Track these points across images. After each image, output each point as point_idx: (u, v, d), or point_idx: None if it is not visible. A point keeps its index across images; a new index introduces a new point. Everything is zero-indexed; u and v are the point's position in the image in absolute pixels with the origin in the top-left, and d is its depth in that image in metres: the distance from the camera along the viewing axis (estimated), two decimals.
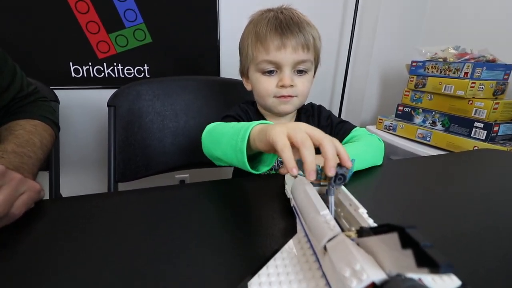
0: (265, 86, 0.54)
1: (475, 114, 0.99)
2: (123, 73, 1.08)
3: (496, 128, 0.95)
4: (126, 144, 0.68)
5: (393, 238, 0.17)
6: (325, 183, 0.31)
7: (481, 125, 0.98)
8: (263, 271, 0.23)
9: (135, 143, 0.70)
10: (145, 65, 1.10)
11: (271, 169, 0.59)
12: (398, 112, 1.24)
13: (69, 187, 1.13)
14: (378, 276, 0.17)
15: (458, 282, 0.19)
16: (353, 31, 1.29)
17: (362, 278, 0.17)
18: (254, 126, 0.36)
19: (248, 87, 0.61)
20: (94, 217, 0.35)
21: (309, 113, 0.63)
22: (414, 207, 0.41)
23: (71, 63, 1.02)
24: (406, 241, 0.16)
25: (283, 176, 0.41)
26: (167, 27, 1.08)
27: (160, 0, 1.04)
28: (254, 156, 0.40)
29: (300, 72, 0.54)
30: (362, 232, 0.21)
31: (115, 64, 1.06)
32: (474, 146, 0.99)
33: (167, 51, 1.11)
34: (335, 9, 1.31)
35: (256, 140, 0.35)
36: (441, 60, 1.06)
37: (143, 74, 1.11)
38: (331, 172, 0.28)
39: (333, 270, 0.20)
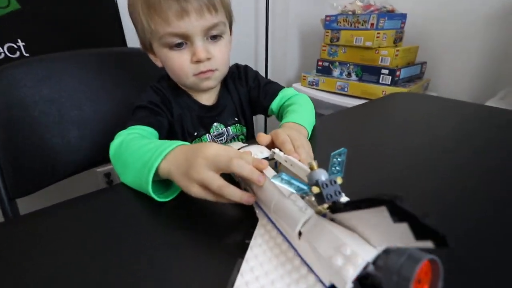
0: (178, 64, 0.46)
1: (381, 62, 1.10)
2: None
3: (398, 73, 1.08)
4: (12, 147, 0.52)
5: (381, 211, 0.15)
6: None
7: (387, 71, 1.10)
8: (240, 280, 0.19)
9: (25, 144, 0.54)
10: (19, 40, 0.84)
11: None
12: (318, 67, 1.30)
13: None
14: (372, 255, 0.15)
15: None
16: None
17: (357, 263, 0.15)
18: (159, 164, 0.31)
19: (158, 63, 0.51)
20: None
21: (235, 76, 0.58)
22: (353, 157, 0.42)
23: None
24: (399, 214, 0.14)
25: None
26: None
27: None
28: None
29: (214, 37, 0.47)
30: (337, 207, 0.19)
31: None
32: (383, 91, 1.11)
33: (47, 20, 0.86)
34: None
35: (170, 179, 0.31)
36: (350, 13, 1.12)
37: (18, 52, 0.85)
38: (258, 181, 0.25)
39: (318, 256, 0.17)
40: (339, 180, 0.20)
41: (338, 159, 0.21)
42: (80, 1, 0.90)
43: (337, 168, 0.20)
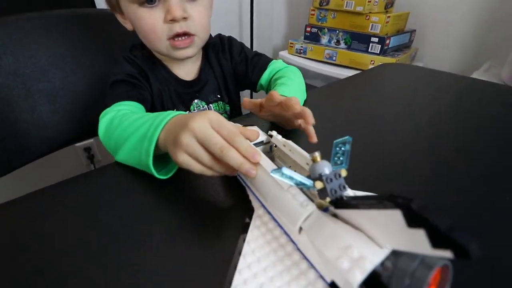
0: (150, 25, 0.40)
1: (371, 29, 1.06)
2: None
3: (388, 41, 1.05)
4: None
5: (393, 215, 0.14)
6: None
7: (376, 39, 1.06)
8: (237, 278, 0.18)
9: None
10: None
11: None
12: (306, 33, 1.24)
13: None
14: (380, 257, 0.15)
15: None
16: None
17: (365, 267, 0.14)
18: (159, 135, 0.29)
19: (128, 26, 0.46)
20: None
21: (218, 48, 0.53)
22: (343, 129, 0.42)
23: None
24: (415, 220, 0.13)
25: None
26: None
27: None
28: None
29: None
30: (340, 203, 0.18)
31: None
32: (371, 60, 1.09)
33: None
34: None
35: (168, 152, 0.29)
36: None
37: None
38: (251, 171, 0.23)
39: (321, 254, 0.17)
40: (344, 173, 0.18)
41: (342, 149, 0.19)
42: None
43: (341, 158, 0.19)
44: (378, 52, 1.07)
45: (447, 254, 0.12)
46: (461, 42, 1.13)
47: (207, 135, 0.24)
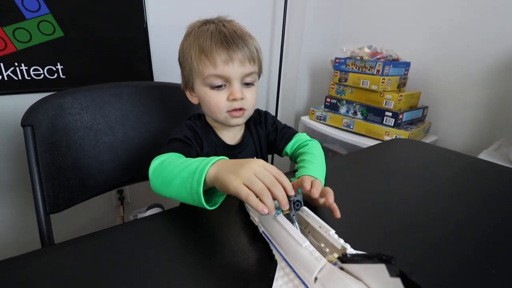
0: (216, 102, 0.54)
1: (385, 104, 1.18)
2: (28, 75, 0.89)
3: (401, 116, 1.16)
4: (54, 169, 0.58)
5: (380, 268, 0.20)
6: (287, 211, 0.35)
7: (390, 114, 1.17)
8: None
9: (65, 166, 0.60)
10: (58, 64, 0.93)
11: None
12: (326, 103, 1.38)
13: None
14: None
15: None
16: (284, 34, 1.36)
17: None
18: (208, 169, 0.38)
19: (194, 100, 0.60)
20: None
21: (257, 120, 0.66)
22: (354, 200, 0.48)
23: None
24: (393, 271, 0.20)
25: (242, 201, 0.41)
26: (81, 18, 0.93)
27: None
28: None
29: (247, 84, 0.56)
30: (345, 258, 0.25)
31: (16, 64, 0.86)
32: (386, 132, 1.18)
33: (84, 47, 0.96)
34: (265, 15, 1.36)
35: (215, 185, 0.38)
36: (358, 58, 1.21)
37: (56, 74, 0.94)
38: (285, 207, 0.33)
39: None
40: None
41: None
42: (116, 38, 1.00)
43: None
44: (392, 125, 1.17)
45: None
46: (474, 119, 1.21)
47: (262, 172, 0.35)
